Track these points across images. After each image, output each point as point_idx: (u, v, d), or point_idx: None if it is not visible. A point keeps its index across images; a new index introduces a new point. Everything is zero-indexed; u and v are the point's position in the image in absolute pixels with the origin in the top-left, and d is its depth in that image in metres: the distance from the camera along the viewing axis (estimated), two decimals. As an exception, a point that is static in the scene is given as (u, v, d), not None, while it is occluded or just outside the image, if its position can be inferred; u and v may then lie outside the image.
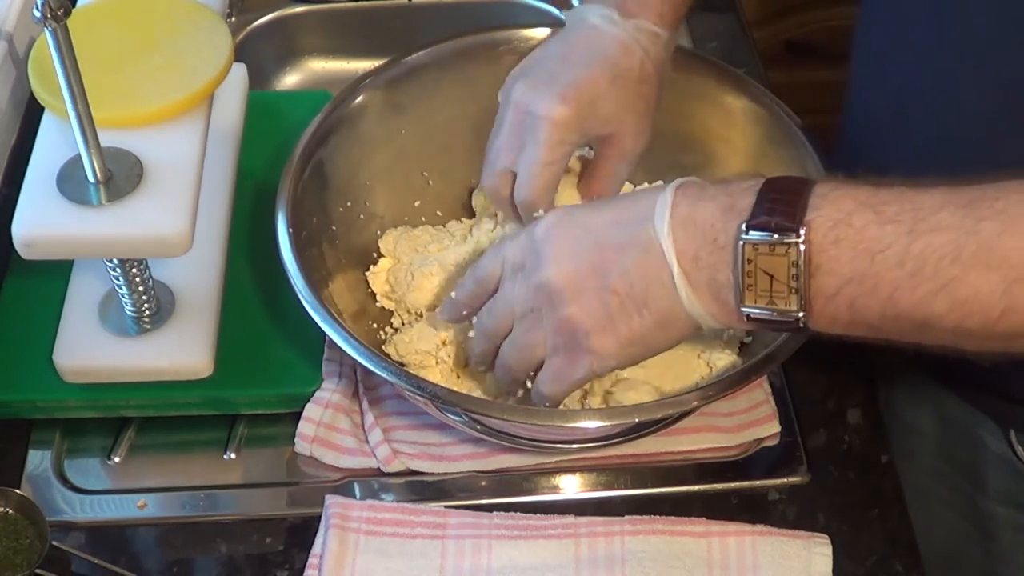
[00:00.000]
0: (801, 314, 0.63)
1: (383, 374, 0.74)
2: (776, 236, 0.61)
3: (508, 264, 0.72)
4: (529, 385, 0.75)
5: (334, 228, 0.87)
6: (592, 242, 0.68)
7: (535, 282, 0.70)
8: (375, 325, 0.88)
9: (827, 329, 0.64)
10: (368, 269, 0.91)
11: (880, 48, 0.84)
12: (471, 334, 0.78)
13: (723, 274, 0.64)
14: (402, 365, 0.83)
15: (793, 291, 0.62)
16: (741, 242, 0.62)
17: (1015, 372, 0.82)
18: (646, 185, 0.95)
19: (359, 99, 0.90)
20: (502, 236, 0.87)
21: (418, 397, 0.76)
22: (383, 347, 0.86)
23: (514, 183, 0.80)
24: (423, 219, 0.94)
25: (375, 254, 0.92)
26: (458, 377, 0.85)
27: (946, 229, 0.58)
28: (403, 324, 0.88)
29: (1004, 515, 0.90)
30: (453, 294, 0.78)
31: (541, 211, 0.78)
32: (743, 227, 0.62)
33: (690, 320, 0.67)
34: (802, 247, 0.60)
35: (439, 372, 0.84)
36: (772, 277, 0.62)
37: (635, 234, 0.66)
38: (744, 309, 0.64)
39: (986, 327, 0.59)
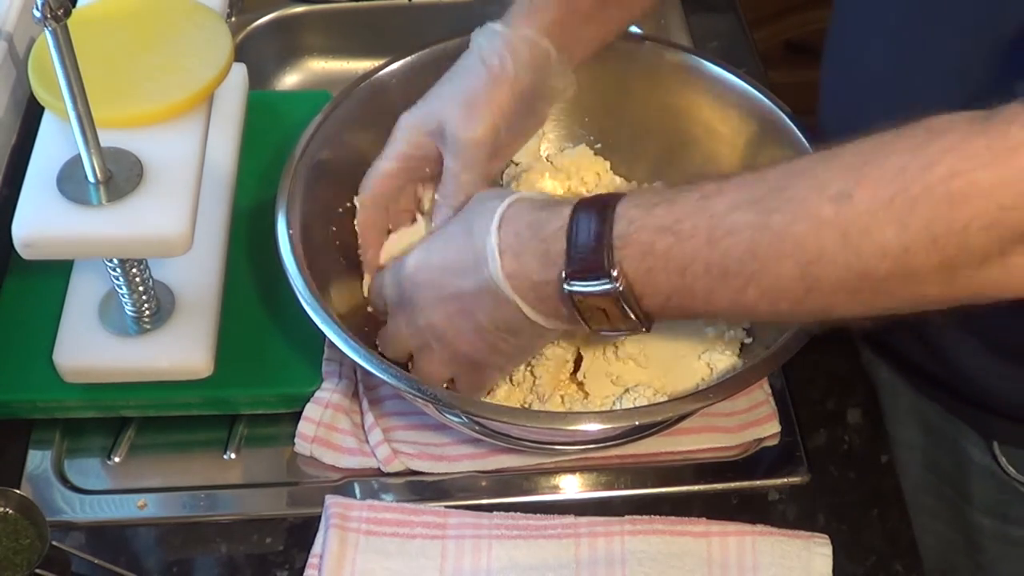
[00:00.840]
0: (643, 327, 0.68)
1: (383, 376, 0.74)
2: (594, 285, 0.66)
3: (388, 302, 0.79)
4: None
5: (334, 228, 0.87)
6: (452, 290, 0.73)
7: (417, 325, 0.76)
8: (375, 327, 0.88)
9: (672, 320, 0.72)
10: (368, 270, 0.91)
11: (848, 51, 0.84)
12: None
13: (563, 310, 0.69)
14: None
15: (627, 316, 0.67)
16: (566, 291, 0.67)
17: (996, 383, 0.82)
18: (620, 181, 0.96)
19: (359, 99, 0.90)
20: None
21: (418, 399, 0.76)
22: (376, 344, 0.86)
23: None
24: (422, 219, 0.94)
25: (375, 254, 0.91)
26: None
27: (741, 229, 0.62)
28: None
29: (989, 526, 0.91)
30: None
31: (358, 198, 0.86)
32: (563, 276, 0.67)
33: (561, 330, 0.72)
34: (620, 288, 0.65)
35: None
36: (604, 311, 0.67)
37: (481, 282, 0.71)
38: (594, 330, 0.69)
39: (796, 307, 0.62)
